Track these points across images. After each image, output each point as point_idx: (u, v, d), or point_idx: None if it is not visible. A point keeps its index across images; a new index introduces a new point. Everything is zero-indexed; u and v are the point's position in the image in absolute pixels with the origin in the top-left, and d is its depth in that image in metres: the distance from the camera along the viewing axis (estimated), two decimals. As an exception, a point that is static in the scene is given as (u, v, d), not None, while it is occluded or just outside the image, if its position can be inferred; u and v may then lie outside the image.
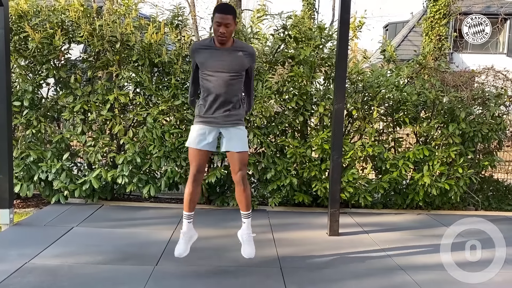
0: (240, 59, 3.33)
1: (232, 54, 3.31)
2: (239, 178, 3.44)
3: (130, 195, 6.04)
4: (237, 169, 3.43)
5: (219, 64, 3.28)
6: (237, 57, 3.31)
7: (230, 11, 3.19)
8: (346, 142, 5.44)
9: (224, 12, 3.17)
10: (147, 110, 5.26)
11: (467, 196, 6.12)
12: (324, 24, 5.54)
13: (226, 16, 3.16)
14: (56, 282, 3.33)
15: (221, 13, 3.17)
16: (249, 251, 3.55)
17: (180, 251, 3.53)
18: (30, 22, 5.16)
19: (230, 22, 3.18)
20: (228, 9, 3.20)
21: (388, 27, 26.62)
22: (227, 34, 3.22)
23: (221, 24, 3.17)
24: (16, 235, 4.36)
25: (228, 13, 3.17)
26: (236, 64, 3.32)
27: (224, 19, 3.16)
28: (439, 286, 3.52)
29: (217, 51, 3.31)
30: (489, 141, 5.69)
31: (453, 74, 5.70)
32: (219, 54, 3.30)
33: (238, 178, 3.44)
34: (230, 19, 3.18)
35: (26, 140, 5.29)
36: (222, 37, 3.22)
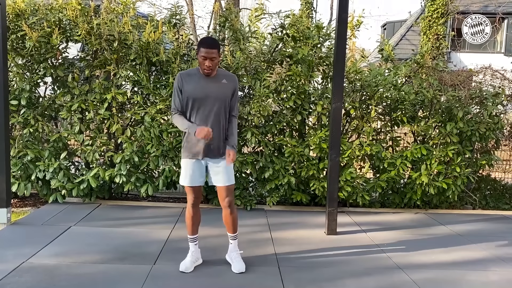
0: (225, 87, 3.44)
1: (217, 82, 3.43)
2: (226, 204, 3.54)
3: (128, 194, 6.03)
4: (224, 197, 3.52)
5: (204, 92, 3.39)
6: (222, 85, 3.44)
7: (215, 45, 3.30)
8: (344, 141, 5.44)
9: (210, 47, 3.28)
10: (144, 109, 5.25)
11: (464, 195, 6.14)
12: (322, 23, 5.54)
13: (211, 50, 3.28)
14: (54, 281, 3.32)
15: (206, 47, 3.28)
16: (239, 266, 3.61)
17: (186, 266, 3.61)
18: (28, 21, 5.14)
19: (215, 56, 3.31)
20: (213, 44, 3.30)
21: (386, 26, 26.60)
22: (213, 67, 3.34)
23: (207, 58, 3.30)
24: (14, 234, 4.34)
25: (213, 47, 3.29)
26: (221, 92, 3.43)
27: (210, 53, 3.28)
28: (437, 285, 3.52)
29: (203, 80, 3.42)
30: (486, 140, 5.70)
31: (450, 73, 5.71)
32: (204, 82, 3.41)
33: (226, 204, 3.54)
34: (215, 53, 3.30)
35: (23, 139, 5.27)
36: (208, 70, 3.35)
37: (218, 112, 3.42)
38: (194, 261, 3.67)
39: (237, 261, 3.66)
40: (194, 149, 3.44)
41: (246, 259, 3.83)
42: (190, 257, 3.67)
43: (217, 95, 3.41)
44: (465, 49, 22.09)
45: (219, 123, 3.44)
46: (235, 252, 3.71)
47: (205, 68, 3.33)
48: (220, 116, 3.45)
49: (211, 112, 3.40)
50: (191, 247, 3.69)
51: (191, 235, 3.68)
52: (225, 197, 3.52)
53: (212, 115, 3.41)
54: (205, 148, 3.42)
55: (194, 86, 3.39)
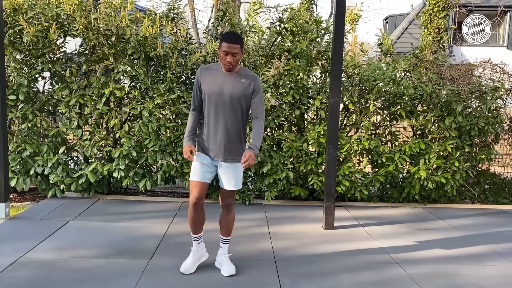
0: (243, 86, 3.25)
1: (236, 80, 3.25)
2: (226, 204, 3.45)
3: (127, 189, 6.04)
4: (225, 197, 3.43)
5: (220, 88, 3.24)
6: (240, 84, 3.25)
7: (238, 41, 3.14)
8: (342, 136, 5.43)
9: (232, 42, 3.11)
10: (142, 104, 5.24)
11: (463, 189, 6.13)
12: (321, 17, 5.51)
13: (233, 45, 3.12)
14: (50, 276, 3.34)
15: (229, 42, 3.11)
16: (229, 269, 3.48)
17: (186, 267, 3.47)
18: (25, 15, 5.13)
19: (237, 52, 3.14)
20: (236, 39, 3.13)
21: (388, 19, 26.44)
22: (234, 63, 3.18)
23: (229, 54, 3.13)
24: (12, 229, 4.36)
25: (235, 42, 3.12)
26: (238, 90, 3.24)
27: (232, 48, 3.12)
28: (432, 279, 3.53)
29: (222, 76, 3.26)
30: (485, 135, 5.68)
31: (450, 67, 5.68)
32: (222, 79, 3.25)
33: (225, 204, 3.45)
34: (237, 48, 3.13)
35: (22, 134, 5.28)
36: (229, 66, 3.18)
37: (233, 111, 3.24)
38: (195, 261, 3.53)
39: (226, 264, 3.51)
40: (207, 147, 3.31)
41: (243, 254, 3.85)
42: (191, 257, 3.52)
43: (233, 93, 3.22)
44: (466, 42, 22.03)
45: (233, 124, 3.27)
46: (224, 256, 3.55)
47: (226, 64, 3.17)
48: (235, 117, 3.26)
49: (226, 111, 3.24)
50: (194, 245, 3.53)
51: (195, 234, 3.50)
52: (226, 198, 3.42)
53: (227, 113, 3.24)
54: (216, 149, 3.29)
55: (212, 81, 3.25)
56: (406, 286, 3.41)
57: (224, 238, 3.55)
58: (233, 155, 3.31)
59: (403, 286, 3.40)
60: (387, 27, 26.55)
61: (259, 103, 3.33)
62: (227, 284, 3.34)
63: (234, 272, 3.46)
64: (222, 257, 3.56)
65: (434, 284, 3.44)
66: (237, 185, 3.37)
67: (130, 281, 3.30)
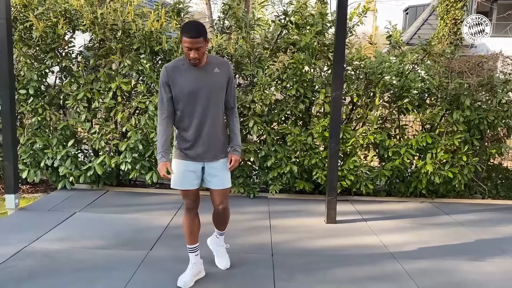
0: (218, 76, 3.03)
1: (209, 72, 3.01)
2: (220, 210, 3.25)
3: (136, 181, 6.15)
4: (218, 203, 3.21)
5: (195, 85, 2.98)
6: (215, 75, 3.02)
7: (200, 33, 2.82)
8: (348, 130, 5.39)
9: (193, 37, 2.80)
10: (148, 98, 5.31)
11: (474, 184, 6.02)
12: (326, 10, 5.47)
13: (195, 40, 2.81)
14: (53, 266, 3.45)
15: (189, 37, 2.80)
16: (226, 263, 3.45)
17: (185, 281, 3.20)
18: (35, 11, 5.24)
19: (201, 45, 2.84)
20: (197, 32, 2.82)
21: (408, 10, 26.01)
22: (200, 57, 2.89)
23: (191, 49, 2.85)
24: (20, 219, 4.50)
25: (197, 36, 2.81)
26: (215, 82, 3.03)
27: (194, 43, 2.82)
28: (428, 275, 3.50)
29: (192, 71, 2.99)
30: (495, 129, 5.55)
31: (459, 60, 5.56)
32: (194, 74, 2.98)
33: (219, 210, 3.25)
34: (200, 41, 2.83)
35: (32, 127, 5.42)
36: (195, 61, 2.91)
37: (215, 108, 3.03)
38: (195, 275, 3.26)
39: (222, 257, 3.49)
40: (191, 151, 3.06)
41: (241, 247, 3.89)
42: (189, 270, 3.25)
43: (211, 86, 2.99)
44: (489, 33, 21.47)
45: (216, 121, 3.06)
46: (222, 247, 3.52)
47: (191, 59, 2.89)
48: (217, 112, 3.05)
49: (206, 107, 2.99)
50: (191, 258, 3.27)
51: (190, 245, 3.26)
52: (219, 203, 3.19)
53: (207, 111, 3.00)
54: (201, 150, 3.06)
55: (184, 79, 2.96)
56: (402, 281, 3.40)
57: (220, 232, 3.50)
58: (222, 152, 3.14)
59: (398, 282, 3.39)
60: (407, 18, 26.13)
61: (233, 91, 3.15)
62: (221, 275, 3.39)
63: (229, 266, 3.48)
64: (219, 249, 3.51)
65: (430, 280, 3.42)
66: (225, 183, 3.17)
67: (127, 272, 3.38)
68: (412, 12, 25.19)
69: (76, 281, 3.21)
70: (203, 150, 3.06)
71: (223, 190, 3.18)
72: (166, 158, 3.00)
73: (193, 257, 3.28)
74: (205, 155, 3.08)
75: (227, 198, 3.25)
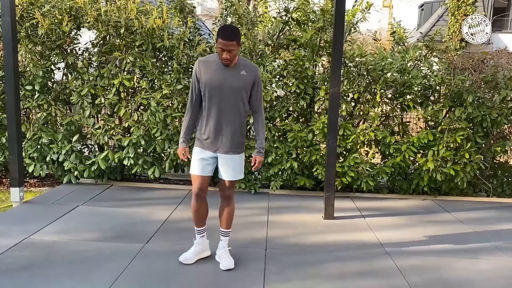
0: (243, 78, 3.26)
1: (235, 72, 3.25)
2: (225, 195, 3.47)
3: (140, 176, 6.24)
4: (224, 189, 3.44)
5: (220, 82, 3.23)
6: (240, 76, 3.25)
7: (234, 37, 3.11)
8: (349, 127, 5.39)
9: (228, 39, 3.09)
10: (150, 94, 5.39)
11: (479, 182, 5.96)
12: (328, 6, 5.46)
13: (229, 42, 3.10)
14: (49, 257, 3.54)
15: (224, 39, 3.09)
16: (226, 263, 3.47)
17: (186, 256, 3.53)
18: (41, 9, 5.36)
19: (233, 48, 3.13)
20: (232, 36, 3.11)
21: (423, 6, 25.69)
22: (231, 58, 3.18)
23: (224, 50, 3.13)
24: (24, 212, 4.62)
25: (232, 39, 3.10)
26: (238, 83, 3.25)
27: (228, 45, 3.11)
28: (419, 272, 3.50)
29: (222, 69, 3.26)
30: (499, 126, 5.48)
31: (462, 56, 5.50)
32: (222, 72, 3.25)
33: (224, 195, 3.47)
34: (233, 44, 3.12)
35: (38, 122, 5.54)
36: (226, 61, 3.19)
37: (235, 107, 3.26)
38: (197, 253, 3.55)
39: (224, 257, 3.51)
40: (208, 142, 3.33)
41: (236, 241, 3.92)
42: (193, 248, 3.56)
43: (233, 86, 3.23)
44: (506, 29, 21.09)
45: (234, 117, 3.29)
46: (223, 249, 3.55)
47: (223, 60, 3.17)
48: (237, 110, 3.28)
49: (227, 104, 3.24)
50: (197, 238, 3.56)
51: (197, 227, 3.54)
52: (225, 189, 3.44)
53: (228, 107, 3.25)
54: (216, 142, 3.31)
55: (211, 75, 3.24)
56: (392, 277, 3.40)
57: (224, 230, 3.54)
58: (235, 148, 3.34)
59: (388, 277, 3.40)
60: (422, 14, 25.82)
61: (258, 95, 3.36)
62: (211, 268, 3.44)
63: (232, 266, 3.44)
64: (222, 250, 3.56)
65: (420, 277, 3.42)
66: (236, 176, 3.39)
67: (121, 263, 3.46)
68: (428, 8, 24.89)
69: (71, 272, 3.30)
70: (218, 142, 3.32)
71: (232, 182, 3.42)
72: (185, 144, 3.44)
73: (198, 238, 3.58)
74: (219, 147, 3.33)
75: (233, 188, 3.47)
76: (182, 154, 3.44)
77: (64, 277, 3.22)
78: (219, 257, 3.56)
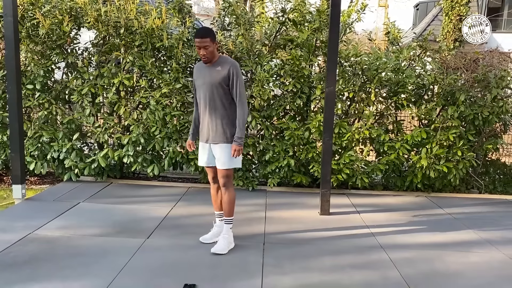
0: (218, 73, 3.60)
1: (213, 69, 3.62)
2: (220, 184, 3.79)
3: (139, 174, 6.34)
4: (219, 177, 3.77)
5: (202, 79, 3.66)
6: (216, 71, 3.61)
7: (207, 35, 3.51)
8: (344, 125, 5.51)
9: (201, 37, 3.51)
10: (150, 93, 5.48)
11: (471, 179, 6.09)
12: (324, 7, 5.57)
13: (203, 40, 3.50)
14: (53, 251, 3.64)
15: (198, 37, 3.52)
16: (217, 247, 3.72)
17: (205, 237, 3.95)
18: (42, 9, 5.44)
19: (207, 44, 3.52)
20: (204, 34, 3.52)
21: (419, 6, 25.88)
22: (208, 55, 3.56)
23: (200, 48, 3.54)
24: (26, 209, 4.72)
25: (204, 36, 3.51)
26: (213, 78, 3.60)
27: (202, 43, 3.51)
28: (412, 264, 3.62)
29: (204, 68, 3.67)
30: (490, 124, 5.61)
31: (455, 56, 5.63)
32: (204, 71, 3.67)
33: (220, 183, 3.79)
34: (207, 41, 3.51)
35: (39, 121, 5.63)
36: (204, 58, 3.59)
37: (212, 99, 3.63)
38: (215, 235, 3.93)
39: (219, 242, 3.77)
40: (202, 133, 3.78)
41: (234, 236, 4.01)
42: (212, 230, 3.99)
43: (211, 81, 3.61)
44: (501, 29, 21.28)
45: (214, 110, 3.65)
46: (221, 236, 3.81)
47: (201, 57, 3.59)
48: (215, 103, 3.63)
49: (206, 98, 3.65)
50: (216, 221, 4.02)
51: (215, 211, 4.00)
52: (219, 178, 3.77)
53: (208, 101, 3.65)
54: (206, 133, 3.73)
55: (197, 74, 3.71)
56: (385, 269, 3.52)
57: (226, 218, 3.81)
58: (219, 138, 3.68)
59: (382, 269, 3.52)
60: (418, 14, 26.00)
61: (235, 88, 3.62)
62: (211, 261, 3.55)
63: (219, 251, 3.69)
64: (219, 237, 3.82)
65: (413, 268, 3.54)
66: (224, 164, 3.69)
67: (124, 257, 3.56)
68: (423, 8, 25.08)
69: (73, 265, 3.40)
70: (207, 134, 3.74)
71: (222, 170, 3.72)
72: (191, 137, 3.96)
73: (217, 220, 4.02)
74: (208, 138, 3.74)
75: (225, 178, 3.73)
76: (189, 146, 3.92)
77: (67, 270, 3.32)
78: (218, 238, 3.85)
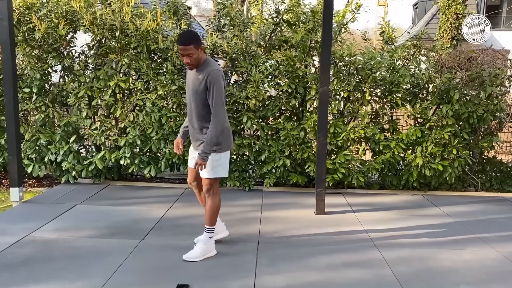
0: (198, 81, 3.41)
1: (196, 76, 3.45)
2: (203, 191, 3.67)
3: (137, 175, 6.37)
4: (202, 184, 3.64)
5: (188, 85, 3.55)
6: (197, 79, 3.43)
7: (189, 42, 3.29)
8: (339, 124, 5.54)
9: (184, 44, 3.29)
10: (146, 95, 5.52)
11: (467, 177, 6.11)
12: (318, 8, 5.61)
13: (185, 47, 3.29)
14: (49, 253, 3.68)
15: (180, 45, 3.31)
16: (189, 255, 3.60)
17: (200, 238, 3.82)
18: (38, 13, 5.48)
19: (191, 52, 3.30)
20: (187, 41, 3.29)
21: (417, 5, 25.89)
22: (192, 62, 3.36)
23: (184, 55, 3.33)
24: (24, 211, 4.75)
25: (187, 44, 3.29)
26: (194, 85, 3.44)
27: (185, 50, 3.30)
28: (405, 262, 3.65)
29: (191, 74, 3.51)
30: (485, 122, 5.64)
31: (449, 54, 5.66)
32: (190, 76, 3.51)
33: (203, 191, 3.67)
34: (190, 48, 3.29)
35: (37, 124, 5.67)
36: (189, 66, 3.41)
37: (195, 105, 3.47)
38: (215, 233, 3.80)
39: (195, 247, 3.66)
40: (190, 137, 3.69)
41: (229, 236, 4.06)
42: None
43: (193, 88, 3.45)
44: (499, 26, 21.28)
45: (197, 117, 3.50)
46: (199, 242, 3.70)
47: (186, 64, 3.40)
48: (198, 109, 3.47)
49: (191, 105, 3.51)
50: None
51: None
52: (203, 185, 3.64)
53: (192, 108, 3.51)
54: (192, 139, 3.65)
55: (187, 79, 3.58)
56: (378, 267, 3.55)
57: (206, 227, 3.65)
58: (199, 146, 3.55)
59: (375, 268, 3.55)
60: (416, 13, 26.01)
61: (211, 98, 3.39)
62: (205, 262, 3.58)
63: (190, 259, 3.57)
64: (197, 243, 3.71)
65: (406, 267, 3.57)
66: (206, 173, 3.51)
67: (119, 258, 3.60)
68: (422, 7, 25.08)
69: (69, 266, 3.43)
70: (192, 140, 3.66)
71: (204, 179, 3.60)
72: (180, 134, 3.82)
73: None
74: (193, 144, 3.66)
75: (207, 186, 3.58)
76: (177, 146, 3.76)
77: (63, 271, 3.36)
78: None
